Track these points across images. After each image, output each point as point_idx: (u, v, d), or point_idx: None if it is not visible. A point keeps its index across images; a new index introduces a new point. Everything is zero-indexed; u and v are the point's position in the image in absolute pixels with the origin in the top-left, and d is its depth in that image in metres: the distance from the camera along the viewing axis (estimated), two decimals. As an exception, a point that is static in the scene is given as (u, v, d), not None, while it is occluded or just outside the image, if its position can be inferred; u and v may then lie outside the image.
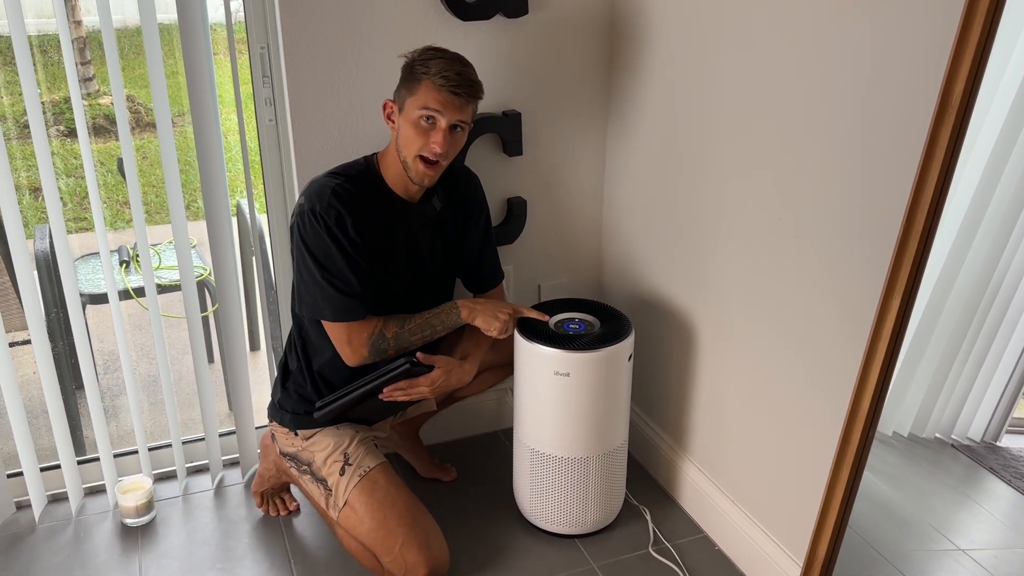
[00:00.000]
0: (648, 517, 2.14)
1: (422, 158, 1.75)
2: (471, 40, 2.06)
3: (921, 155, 1.28)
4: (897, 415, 2.64)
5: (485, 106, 2.13)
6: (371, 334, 1.82)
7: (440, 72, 1.70)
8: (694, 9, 1.86)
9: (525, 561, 2.01)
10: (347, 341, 1.82)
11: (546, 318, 1.95)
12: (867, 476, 2.51)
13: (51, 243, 2.18)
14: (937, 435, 2.69)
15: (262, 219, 2.35)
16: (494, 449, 2.41)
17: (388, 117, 1.81)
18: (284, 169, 2.09)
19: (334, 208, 1.75)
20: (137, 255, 2.67)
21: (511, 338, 1.99)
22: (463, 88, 1.71)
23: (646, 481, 2.29)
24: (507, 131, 2.15)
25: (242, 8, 1.95)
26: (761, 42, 1.68)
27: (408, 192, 1.86)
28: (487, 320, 1.89)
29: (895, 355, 1.43)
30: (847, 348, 1.58)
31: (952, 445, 2.70)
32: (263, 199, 2.16)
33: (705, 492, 2.09)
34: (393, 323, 1.84)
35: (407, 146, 1.76)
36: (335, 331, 1.83)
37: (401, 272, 1.88)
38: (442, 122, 1.73)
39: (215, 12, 2.01)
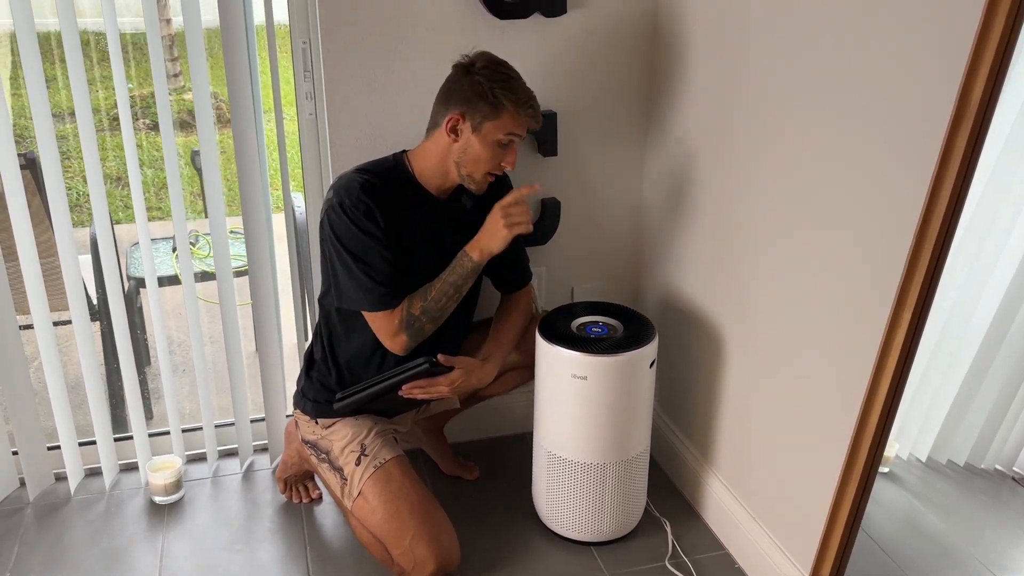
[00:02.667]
0: (668, 529, 2.09)
1: (491, 173, 1.83)
2: (508, 39, 2.06)
3: (936, 162, 1.21)
4: (953, 443, 2.51)
5: (521, 105, 2.13)
6: (401, 319, 1.84)
7: (524, 101, 1.78)
8: (737, 16, 1.81)
9: (538, 565, 1.99)
10: (386, 330, 1.85)
11: (536, 187, 1.89)
12: (914, 504, 2.40)
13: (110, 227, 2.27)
14: (997, 466, 2.55)
15: (300, 212, 2.40)
16: (519, 451, 2.39)
17: (452, 131, 1.80)
18: (322, 163, 2.13)
19: (363, 201, 1.78)
20: (192, 243, 2.78)
21: (535, 339, 1.97)
22: (537, 118, 1.81)
23: (670, 492, 2.23)
24: (542, 131, 2.13)
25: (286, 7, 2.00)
26: (794, 46, 1.62)
27: (439, 190, 1.88)
28: (497, 239, 1.83)
29: (905, 371, 1.35)
30: (870, 366, 1.50)
31: (1013, 478, 2.55)
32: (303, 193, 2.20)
33: (729, 508, 2.02)
34: (416, 299, 1.85)
35: (477, 163, 1.80)
36: (376, 321, 1.85)
37: (428, 267, 1.89)
38: (517, 142, 1.81)
39: (269, 14, 2.06)
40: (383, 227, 1.80)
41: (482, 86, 1.76)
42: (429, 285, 1.87)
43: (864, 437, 1.42)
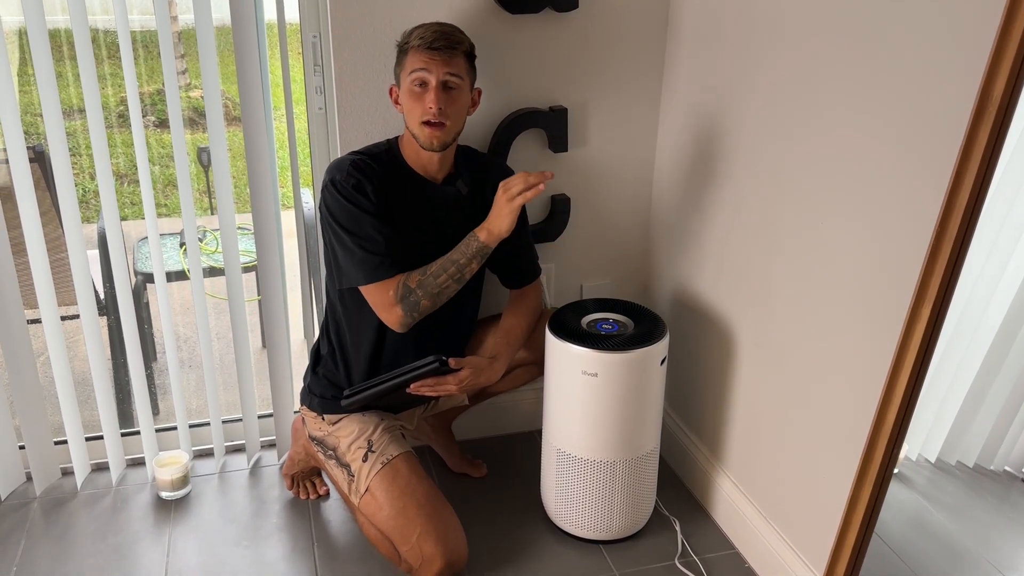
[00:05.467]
0: (678, 528, 2.08)
1: (425, 123, 1.77)
2: (519, 34, 2.05)
3: (956, 158, 1.20)
4: (962, 444, 2.49)
5: (531, 101, 2.12)
6: (396, 290, 1.81)
7: (419, 36, 1.75)
8: (752, 11, 1.80)
9: (546, 563, 1.98)
10: (381, 304, 1.82)
11: (548, 175, 1.76)
12: (924, 505, 2.39)
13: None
14: (1006, 468, 2.53)
15: (309, 208, 2.39)
16: (528, 448, 2.38)
17: (395, 101, 1.84)
18: (331, 157, 2.12)
19: (353, 176, 1.79)
20: (200, 238, 2.77)
21: (543, 335, 1.96)
22: (439, 41, 1.74)
23: (679, 491, 2.22)
24: (553, 127, 2.13)
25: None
26: (811, 41, 1.61)
27: (428, 171, 1.87)
28: (504, 216, 1.78)
29: (924, 368, 1.34)
30: (887, 364, 1.49)
31: (1022, 480, 2.53)
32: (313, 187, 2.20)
33: (739, 507, 2.01)
34: (415, 273, 1.82)
35: (410, 117, 1.79)
36: (371, 295, 1.83)
37: (427, 253, 1.88)
38: (431, 80, 1.75)
39: (283, 12, 2.05)
40: (375, 201, 1.80)
41: (398, 44, 1.81)
42: (431, 263, 1.84)
43: (881, 436, 1.41)
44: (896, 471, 2.14)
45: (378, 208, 1.80)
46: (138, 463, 2.29)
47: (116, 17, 1.87)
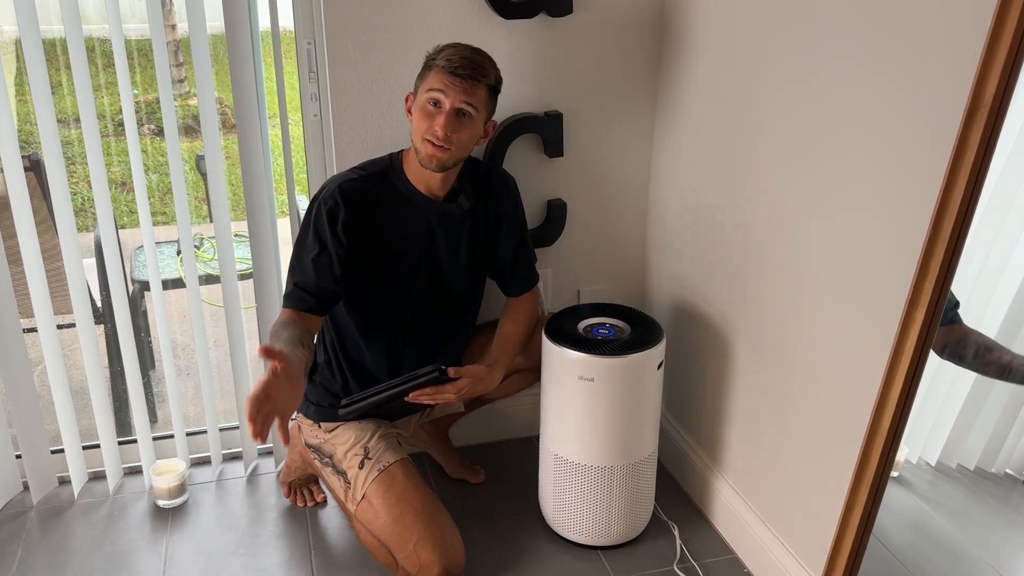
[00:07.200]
0: (676, 533, 2.07)
1: (429, 141, 1.75)
2: (513, 39, 2.05)
3: (949, 160, 1.20)
4: (963, 447, 2.48)
5: (527, 106, 2.12)
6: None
7: (446, 57, 1.73)
8: (745, 14, 1.80)
9: (544, 569, 1.97)
10: None
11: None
12: (924, 508, 2.37)
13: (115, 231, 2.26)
14: (1008, 471, 2.52)
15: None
16: (526, 454, 2.37)
17: (408, 110, 1.83)
18: (327, 164, 2.12)
19: (333, 199, 1.78)
20: (196, 246, 2.77)
21: (540, 342, 1.96)
22: (465, 69, 1.72)
23: (678, 495, 2.22)
24: (548, 131, 2.13)
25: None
26: (803, 45, 1.61)
27: (430, 188, 1.85)
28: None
29: (919, 372, 1.33)
30: (882, 368, 1.48)
31: (1023, 483, 2.52)
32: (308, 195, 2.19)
33: (738, 512, 2.00)
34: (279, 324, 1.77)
35: (416, 131, 1.78)
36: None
37: (414, 271, 1.88)
38: (446, 104, 1.73)
39: (276, 18, 2.06)
40: (340, 234, 1.77)
41: (426, 56, 1.79)
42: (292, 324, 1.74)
43: (876, 439, 1.40)
44: (896, 474, 2.13)
45: (339, 243, 1.78)
46: (135, 471, 2.28)
47: (110, 26, 1.88)
